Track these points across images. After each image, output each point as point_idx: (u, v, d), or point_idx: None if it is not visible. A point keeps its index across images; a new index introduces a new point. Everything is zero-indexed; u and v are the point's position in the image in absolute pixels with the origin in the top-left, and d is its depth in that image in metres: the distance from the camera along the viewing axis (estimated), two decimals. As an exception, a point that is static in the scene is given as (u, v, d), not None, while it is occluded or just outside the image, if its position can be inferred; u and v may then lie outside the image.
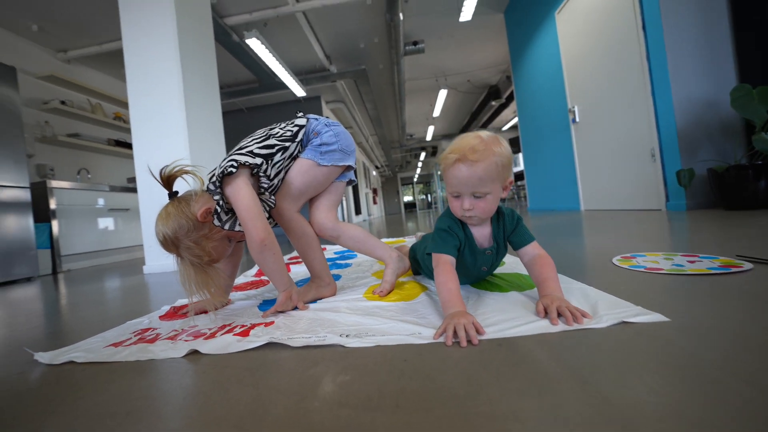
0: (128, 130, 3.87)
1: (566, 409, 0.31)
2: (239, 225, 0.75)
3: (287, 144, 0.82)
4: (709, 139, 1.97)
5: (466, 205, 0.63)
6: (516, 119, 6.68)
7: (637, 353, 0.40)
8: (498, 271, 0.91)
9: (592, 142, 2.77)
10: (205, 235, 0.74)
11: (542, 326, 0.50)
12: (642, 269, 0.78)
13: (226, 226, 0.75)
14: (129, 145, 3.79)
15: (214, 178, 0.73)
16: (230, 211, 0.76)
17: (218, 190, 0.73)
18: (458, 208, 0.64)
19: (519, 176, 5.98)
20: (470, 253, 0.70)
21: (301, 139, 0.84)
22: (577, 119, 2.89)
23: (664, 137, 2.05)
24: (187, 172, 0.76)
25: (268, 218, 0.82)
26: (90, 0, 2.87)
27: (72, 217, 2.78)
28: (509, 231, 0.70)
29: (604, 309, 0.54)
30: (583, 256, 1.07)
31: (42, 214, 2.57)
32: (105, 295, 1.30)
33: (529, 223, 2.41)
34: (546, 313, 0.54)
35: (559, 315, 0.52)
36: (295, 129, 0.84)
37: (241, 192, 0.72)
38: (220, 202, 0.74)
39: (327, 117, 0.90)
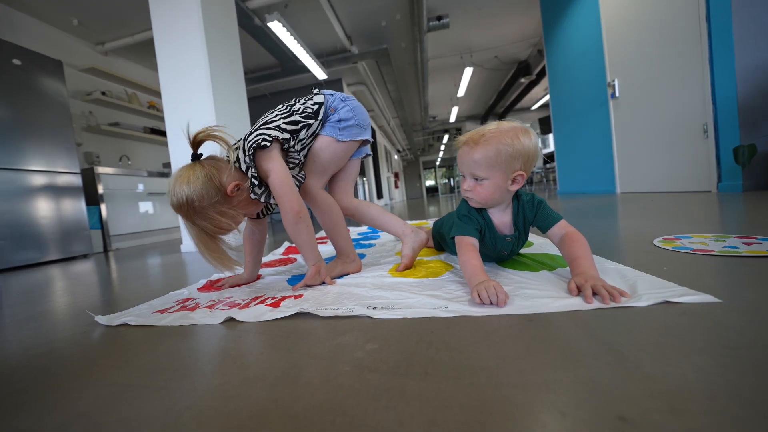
0: (161, 118, 4.08)
1: (604, 383, 0.30)
2: (273, 198, 0.77)
3: (311, 121, 0.82)
4: (776, 110, 1.74)
5: (465, 186, 0.67)
6: (547, 97, 6.28)
7: (683, 333, 0.38)
8: (528, 251, 0.88)
9: (633, 118, 2.55)
10: (228, 209, 0.74)
11: (575, 303, 0.49)
12: (688, 251, 0.72)
13: (262, 199, 0.76)
14: (163, 133, 3.99)
15: (250, 151, 0.73)
16: (262, 184, 0.76)
17: (253, 164, 0.74)
18: (462, 188, 0.68)
19: (549, 158, 5.67)
20: (491, 237, 0.71)
21: (322, 117, 0.84)
22: (617, 94, 2.66)
23: (721, 110, 1.84)
24: (216, 138, 0.74)
25: None
26: (122, -9, 2.97)
27: (117, 200, 3.01)
28: (531, 217, 0.69)
29: (644, 288, 0.51)
30: (618, 237, 1.00)
31: (91, 197, 2.80)
32: (149, 270, 1.41)
33: (558, 206, 2.30)
34: (579, 292, 0.51)
35: (594, 294, 0.50)
36: (315, 107, 0.84)
37: (276, 165, 0.74)
38: (255, 174, 0.74)
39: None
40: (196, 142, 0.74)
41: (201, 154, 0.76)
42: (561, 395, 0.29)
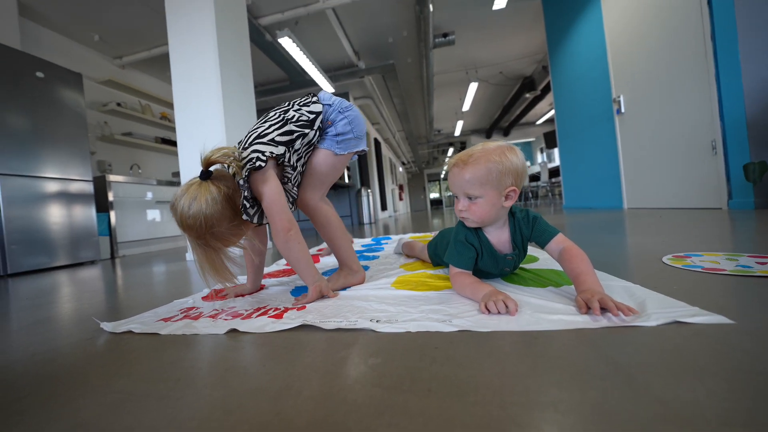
0: (172, 129, 4.18)
1: (612, 405, 0.29)
2: (266, 218, 0.75)
3: (306, 131, 0.80)
4: (785, 128, 1.73)
5: (459, 206, 0.67)
6: (552, 112, 6.32)
7: (695, 355, 0.37)
8: (533, 266, 0.87)
9: (639, 133, 2.55)
10: (243, 228, 0.74)
11: (583, 321, 0.48)
12: (699, 269, 0.71)
13: (254, 220, 0.74)
14: (173, 143, 4.09)
15: (245, 172, 0.71)
16: (255, 203, 0.75)
17: (246, 185, 0.71)
18: (456, 209, 0.69)
19: (554, 172, 5.66)
20: (490, 257, 0.71)
21: (319, 126, 0.82)
22: (623, 110, 2.67)
23: (729, 127, 1.84)
24: (229, 164, 0.71)
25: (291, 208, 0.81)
26: (142, 10, 3.12)
27: (126, 208, 3.07)
28: (527, 233, 0.69)
29: (653, 307, 0.50)
30: (626, 254, 0.99)
31: (101, 204, 2.86)
32: (155, 278, 1.42)
33: (564, 220, 2.28)
34: (588, 308, 0.50)
35: (603, 309, 0.49)
36: (312, 116, 0.81)
37: (267, 184, 0.72)
38: (248, 196, 0.72)
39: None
40: (208, 163, 0.71)
41: (211, 172, 0.73)
42: (568, 416, 0.28)
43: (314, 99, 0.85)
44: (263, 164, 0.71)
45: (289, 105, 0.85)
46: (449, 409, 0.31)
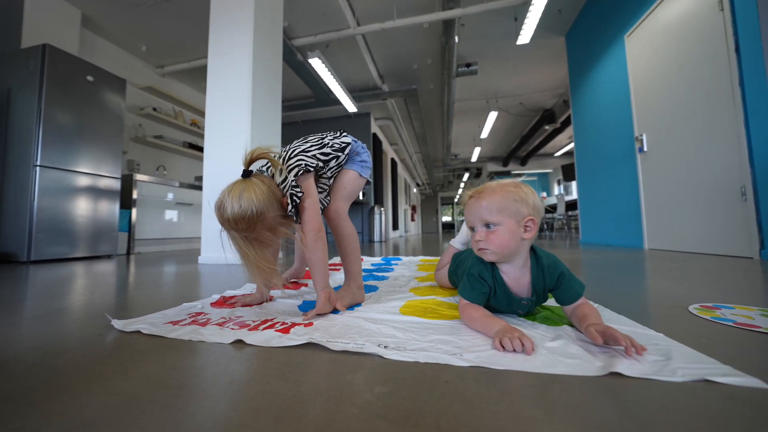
0: (201, 135, 4.40)
1: (638, 470, 0.27)
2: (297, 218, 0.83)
3: (339, 155, 0.94)
4: (820, 179, 1.66)
5: (477, 237, 0.65)
6: (571, 145, 6.29)
7: (727, 420, 0.34)
8: (546, 303, 0.84)
9: (662, 173, 2.50)
10: (286, 223, 0.79)
11: (602, 366, 0.45)
12: (730, 323, 0.66)
13: (295, 218, 0.82)
14: (200, 148, 4.28)
15: (299, 172, 0.81)
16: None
17: (297, 187, 0.80)
18: (473, 243, 0.66)
19: (571, 206, 5.56)
20: (504, 297, 0.68)
21: (348, 153, 0.97)
22: (645, 148, 2.64)
23: (760, 173, 1.77)
24: (270, 158, 0.79)
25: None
26: (189, 25, 3.38)
27: (147, 206, 3.18)
28: (550, 284, 0.66)
29: (680, 361, 0.47)
30: (647, 298, 0.94)
31: (125, 201, 2.98)
32: (167, 278, 1.44)
33: (580, 257, 2.21)
34: (602, 339, 0.51)
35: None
36: (344, 145, 0.96)
37: (313, 190, 0.84)
38: (299, 192, 0.80)
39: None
40: (252, 159, 0.77)
41: (252, 171, 0.79)
42: (589, 477, 0.26)
43: (344, 133, 1.01)
44: (311, 169, 0.84)
45: (324, 135, 0.97)
46: (459, 452, 0.29)
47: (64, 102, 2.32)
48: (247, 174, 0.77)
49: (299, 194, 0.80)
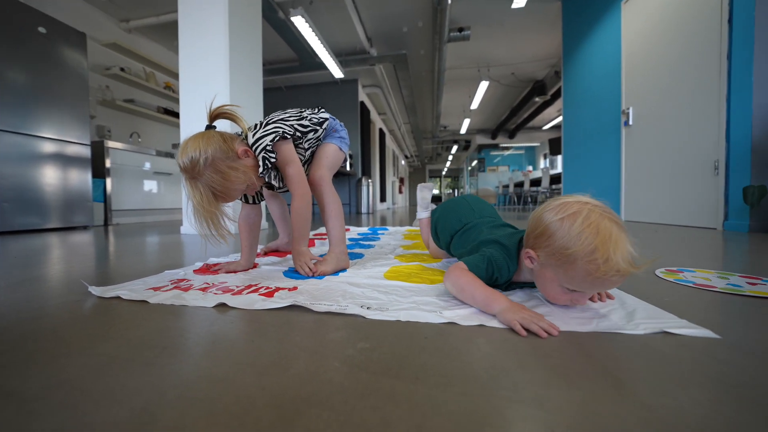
0: (176, 100, 4.11)
1: (597, 406, 0.29)
2: (273, 179, 0.87)
3: (317, 128, 0.96)
4: (789, 154, 1.73)
5: (584, 300, 0.53)
6: (559, 118, 6.28)
7: (682, 365, 0.37)
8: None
9: (644, 147, 2.55)
10: (235, 167, 0.77)
11: (575, 322, 0.48)
12: (690, 284, 0.71)
13: (266, 178, 0.86)
14: (176, 114, 4.02)
15: (275, 138, 0.82)
16: (273, 168, 0.86)
17: (273, 152, 0.82)
18: (565, 299, 0.53)
19: (555, 179, 5.66)
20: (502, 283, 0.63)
21: (326, 128, 0.99)
22: (631, 122, 2.66)
23: (734, 149, 1.84)
24: (233, 115, 0.82)
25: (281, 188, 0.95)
26: (152, -29, 3.01)
27: (123, 176, 3.03)
28: None
29: (642, 317, 0.51)
30: (621, 264, 0.99)
31: (98, 170, 2.81)
32: (147, 248, 1.41)
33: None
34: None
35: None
36: (322, 120, 0.97)
37: (291, 154, 0.87)
38: (273, 159, 0.82)
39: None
40: (213, 116, 0.81)
41: (215, 126, 0.82)
42: (553, 414, 0.28)
43: (322, 110, 1.01)
44: (289, 135, 0.86)
45: (302, 110, 0.97)
46: (435, 397, 0.31)
47: (12, 57, 2.08)
48: (209, 128, 0.81)
49: (272, 158, 0.82)
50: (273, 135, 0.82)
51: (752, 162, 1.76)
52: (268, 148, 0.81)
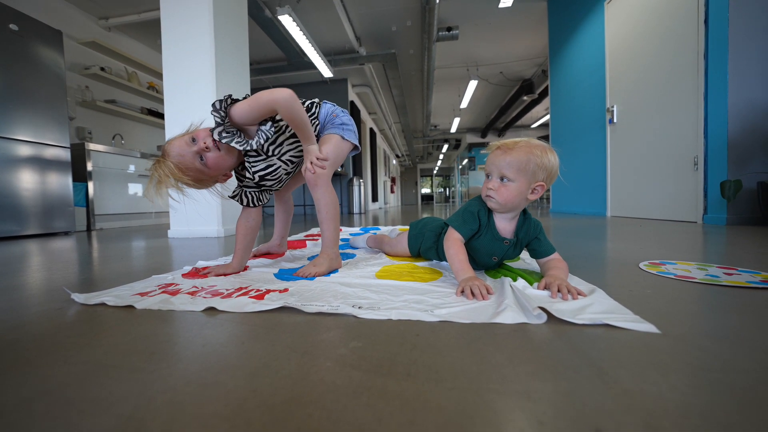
0: (160, 100, 4.01)
1: (582, 395, 0.30)
2: (237, 143, 0.79)
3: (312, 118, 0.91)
4: (764, 149, 1.81)
5: (489, 185, 0.70)
6: (547, 117, 6.39)
7: (663, 354, 0.38)
8: (512, 264, 0.89)
9: (628, 144, 2.62)
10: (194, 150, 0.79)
11: (541, 295, 0.57)
12: (671, 276, 0.74)
13: (224, 141, 0.78)
14: (160, 115, 3.92)
15: (228, 100, 0.79)
16: (234, 133, 0.80)
17: (223, 109, 0.78)
18: (484, 188, 0.72)
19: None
20: (490, 238, 0.75)
21: (317, 114, 0.93)
22: (615, 120, 2.73)
23: (712, 145, 1.91)
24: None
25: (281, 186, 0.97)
26: (132, -32, 2.93)
27: (106, 179, 2.94)
28: (531, 236, 0.75)
29: (597, 309, 0.51)
30: (606, 258, 1.02)
31: (79, 174, 2.73)
32: (133, 253, 1.37)
33: (550, 224, 2.34)
34: (545, 287, 0.62)
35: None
36: (309, 104, 0.93)
37: (240, 104, 0.79)
38: (225, 122, 0.78)
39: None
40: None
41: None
42: (541, 404, 0.29)
43: (317, 101, 0.97)
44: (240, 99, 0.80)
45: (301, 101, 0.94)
46: (426, 393, 0.32)
47: (-15, 56, 2.00)
48: None
49: (225, 122, 0.79)
50: (227, 104, 0.79)
51: (728, 157, 1.83)
52: (216, 106, 0.77)
